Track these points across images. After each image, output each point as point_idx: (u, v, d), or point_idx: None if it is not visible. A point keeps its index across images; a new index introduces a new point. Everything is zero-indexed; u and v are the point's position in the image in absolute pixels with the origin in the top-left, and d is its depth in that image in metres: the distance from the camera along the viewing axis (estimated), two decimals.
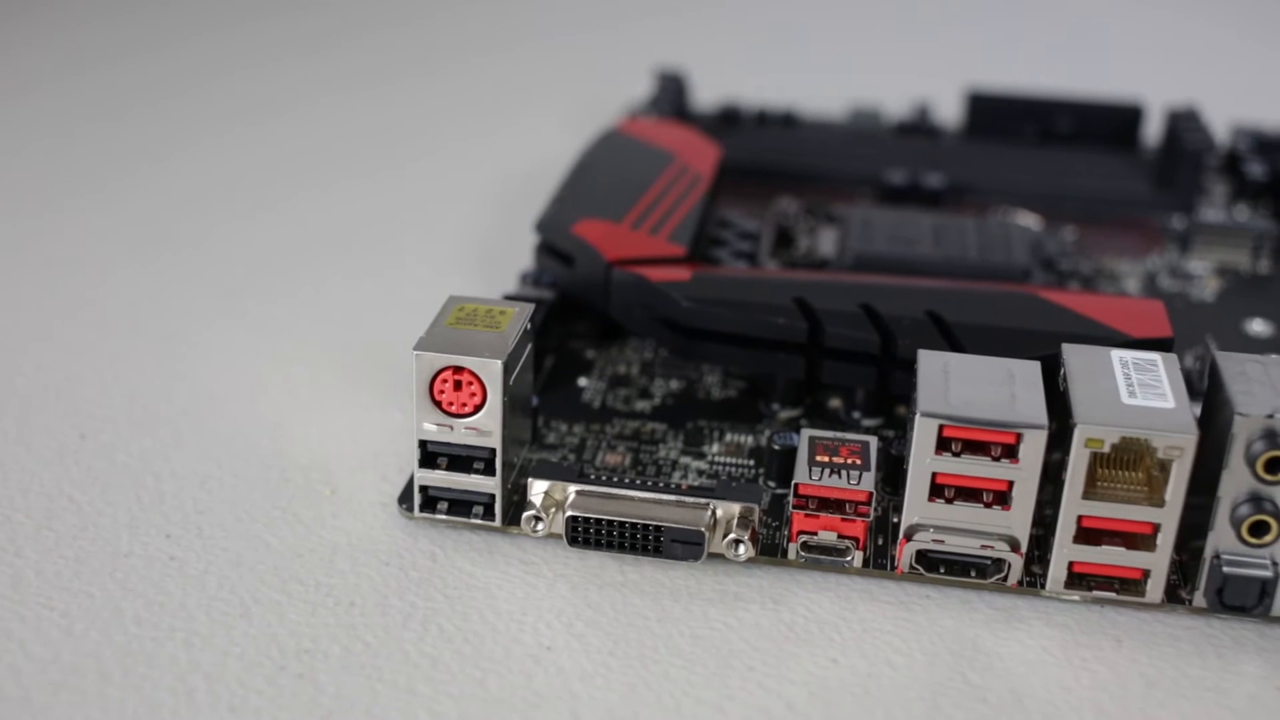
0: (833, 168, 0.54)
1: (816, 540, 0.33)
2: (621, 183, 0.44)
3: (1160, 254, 0.50)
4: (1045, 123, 0.58)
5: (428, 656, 0.31)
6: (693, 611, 0.33)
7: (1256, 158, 0.56)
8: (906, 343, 0.37)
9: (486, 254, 0.50)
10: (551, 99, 0.66)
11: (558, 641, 0.32)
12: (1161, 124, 0.56)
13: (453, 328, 0.34)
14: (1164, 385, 0.33)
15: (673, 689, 0.31)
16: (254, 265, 0.49)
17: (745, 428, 0.39)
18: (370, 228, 0.52)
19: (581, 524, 0.33)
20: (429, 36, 0.76)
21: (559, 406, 0.39)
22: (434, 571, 0.34)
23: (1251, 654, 0.32)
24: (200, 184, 0.55)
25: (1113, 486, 0.33)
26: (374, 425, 0.39)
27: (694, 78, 0.61)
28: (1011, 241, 0.46)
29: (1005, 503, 0.33)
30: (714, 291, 0.39)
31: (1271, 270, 0.49)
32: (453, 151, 0.60)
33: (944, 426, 0.32)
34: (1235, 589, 0.32)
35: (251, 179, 0.56)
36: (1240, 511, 0.32)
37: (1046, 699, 0.31)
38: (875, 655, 0.32)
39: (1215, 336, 0.45)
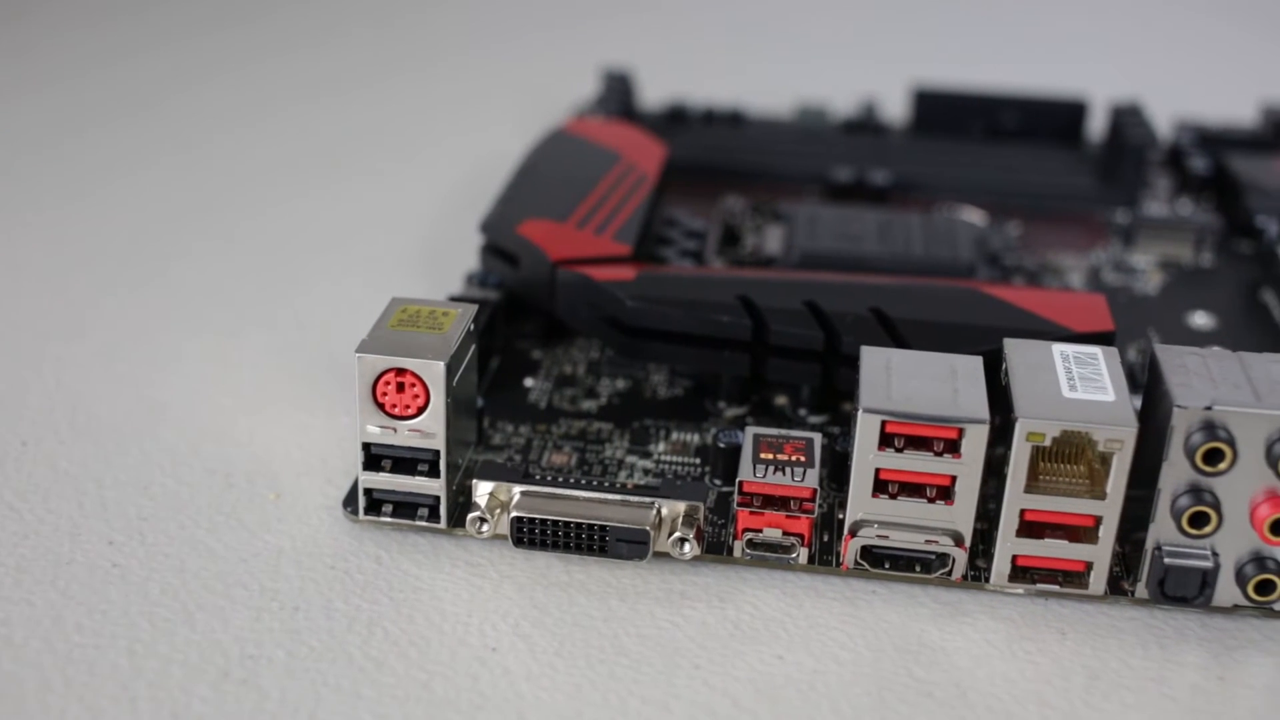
0: (780, 166, 0.54)
1: (762, 537, 0.34)
2: (567, 182, 0.44)
3: (1104, 248, 0.50)
4: (991, 119, 0.58)
5: (373, 660, 0.31)
6: (639, 611, 0.33)
7: (1199, 152, 0.57)
8: (850, 339, 0.37)
9: (433, 255, 0.50)
10: (499, 100, 0.66)
11: (503, 643, 0.32)
12: (1105, 120, 0.57)
13: (395, 330, 0.34)
14: (1104, 379, 0.33)
15: (618, 688, 0.31)
16: (197, 270, 0.48)
17: (691, 426, 0.39)
18: (316, 230, 0.52)
19: (526, 525, 0.33)
20: (376, 41, 0.76)
21: (505, 407, 0.39)
22: (379, 574, 0.34)
23: (1193, 644, 0.33)
24: (142, 192, 0.55)
25: (1055, 480, 0.33)
26: (319, 429, 0.39)
27: (641, 77, 0.61)
28: (957, 237, 0.47)
29: (948, 497, 0.33)
30: (659, 290, 0.39)
31: (1214, 263, 0.50)
32: (400, 153, 0.60)
33: (886, 422, 0.32)
34: (1176, 580, 0.33)
35: (194, 186, 0.56)
36: (1180, 503, 0.32)
37: (991, 692, 0.31)
38: (821, 651, 0.32)
39: (1158, 329, 0.45)
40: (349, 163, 0.58)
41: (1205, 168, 0.55)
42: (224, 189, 0.55)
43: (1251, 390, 0.32)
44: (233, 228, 0.52)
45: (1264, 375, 0.33)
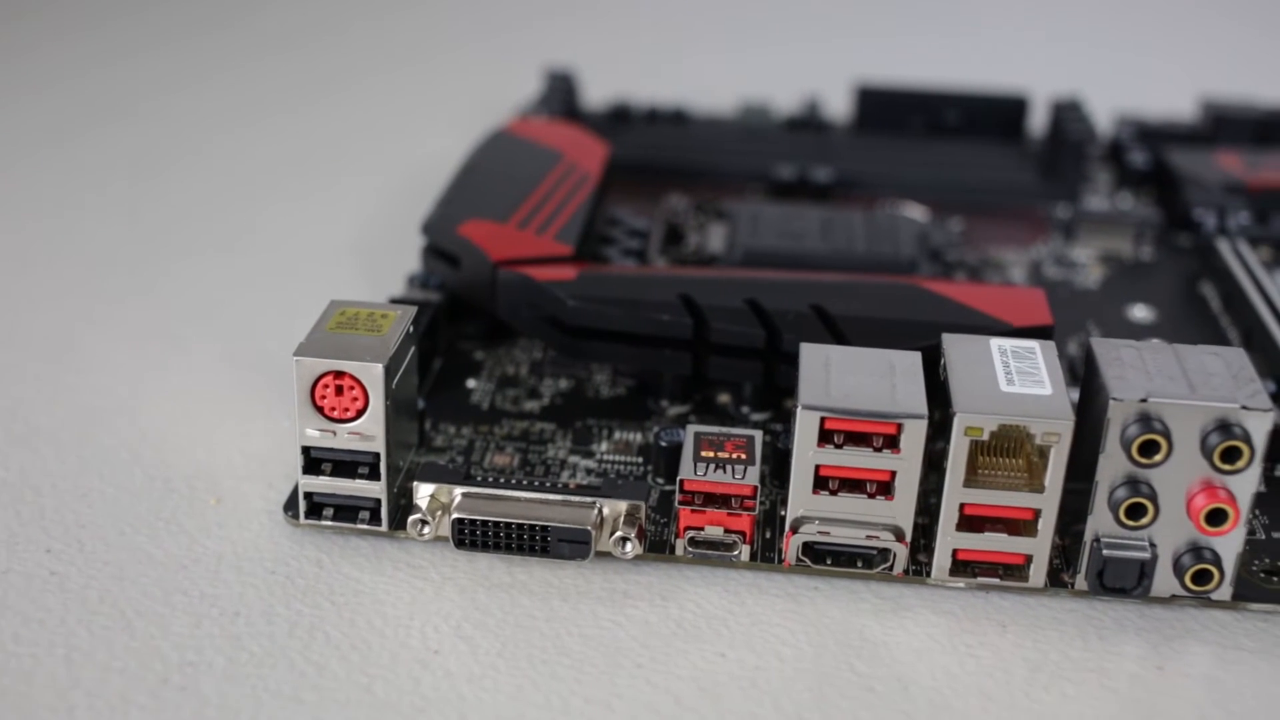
0: (723, 164, 0.54)
1: (703, 535, 0.34)
2: (508, 183, 0.44)
3: (1045, 243, 0.51)
4: (933, 115, 0.59)
5: (314, 664, 0.31)
6: (581, 611, 0.33)
7: (1139, 147, 0.57)
8: (791, 337, 0.37)
9: (375, 257, 0.49)
10: (443, 101, 0.66)
11: (445, 645, 0.32)
12: (1046, 115, 0.57)
13: (334, 332, 0.34)
14: (1042, 373, 0.33)
15: (561, 689, 0.31)
16: (136, 273, 0.48)
17: (634, 425, 0.39)
18: (256, 232, 0.52)
19: (468, 526, 0.33)
20: (318, 44, 0.75)
21: (447, 408, 0.39)
22: (320, 578, 0.34)
23: (1132, 634, 0.33)
24: (79, 192, 0.55)
25: (994, 474, 0.33)
26: (260, 433, 0.39)
27: (585, 77, 0.61)
28: (899, 233, 0.47)
29: (889, 493, 0.33)
30: (600, 290, 0.39)
31: (1154, 257, 0.50)
32: (342, 156, 0.59)
33: (825, 419, 0.32)
34: (1115, 571, 0.33)
35: (132, 186, 0.55)
36: (1117, 495, 0.32)
37: (932, 686, 0.31)
38: (763, 648, 0.32)
39: (1098, 323, 0.45)
40: (290, 166, 0.58)
41: (1145, 162, 0.56)
42: (162, 194, 0.55)
43: (1186, 382, 0.32)
44: (171, 230, 0.51)
45: (1198, 367, 0.33)
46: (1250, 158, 0.54)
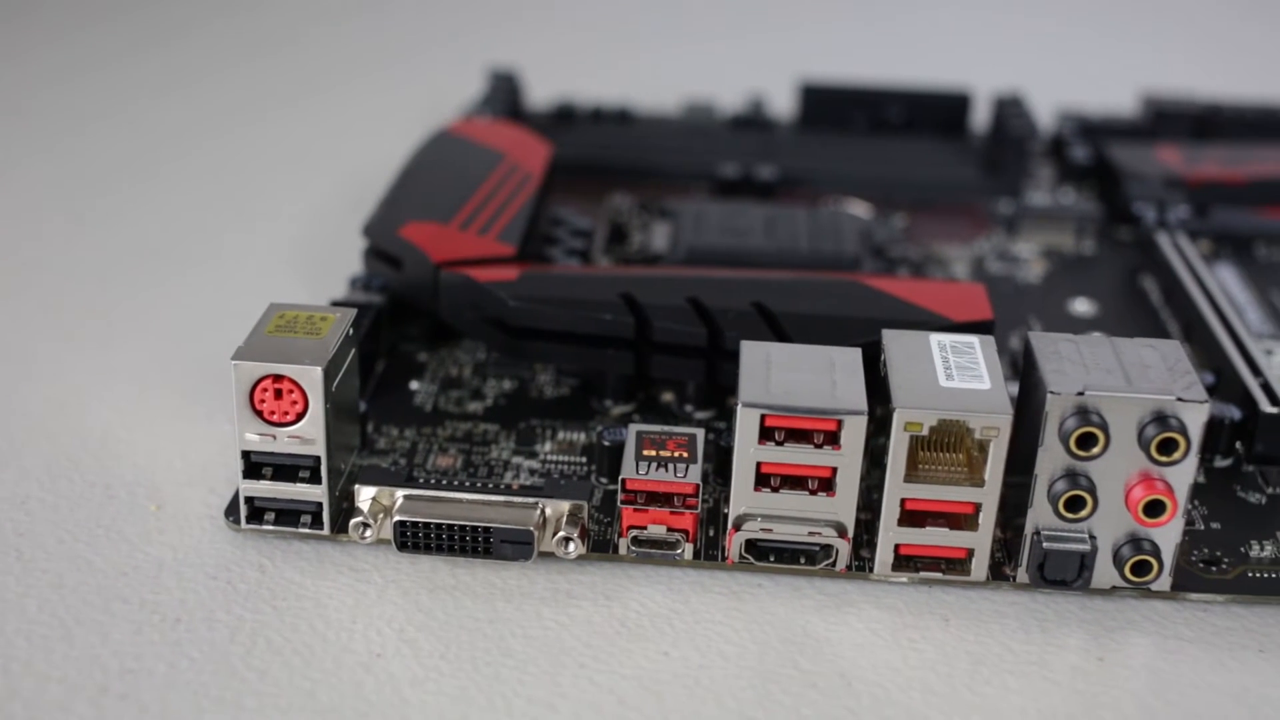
0: (667, 163, 0.54)
1: (646, 534, 0.34)
2: (450, 184, 0.44)
3: (988, 238, 0.51)
4: (877, 113, 0.59)
5: (255, 670, 0.31)
6: (525, 611, 0.33)
7: (1081, 141, 0.57)
8: (733, 335, 0.37)
9: (318, 259, 0.49)
10: (386, 102, 0.66)
11: (388, 648, 0.32)
12: (989, 112, 0.57)
13: (272, 336, 0.34)
14: (981, 367, 0.33)
15: (504, 690, 0.30)
16: (74, 277, 0.48)
17: (577, 425, 0.39)
18: (197, 236, 0.51)
19: (410, 528, 0.33)
20: (255, 36, 0.75)
21: (390, 411, 0.39)
22: (262, 583, 0.33)
23: (1073, 626, 0.33)
24: (16, 196, 0.54)
25: (934, 469, 0.33)
26: (201, 438, 0.39)
27: (530, 77, 0.61)
28: (841, 231, 0.47)
29: (830, 489, 0.33)
30: (541, 290, 0.39)
31: (1095, 251, 0.50)
32: (284, 156, 0.59)
33: (766, 416, 0.32)
34: (1055, 563, 0.33)
35: (70, 188, 0.55)
36: (1056, 488, 0.32)
37: (875, 681, 0.31)
38: (707, 646, 0.32)
39: (1040, 317, 0.46)
40: (232, 166, 0.58)
41: (1086, 157, 0.56)
42: (97, 191, 0.55)
43: (1123, 375, 0.32)
44: (110, 233, 0.51)
45: (1135, 360, 0.33)
46: (1190, 152, 0.55)
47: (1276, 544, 0.35)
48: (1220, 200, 0.52)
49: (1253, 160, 0.53)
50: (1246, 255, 0.50)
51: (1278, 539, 0.35)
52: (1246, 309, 0.46)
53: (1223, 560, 0.35)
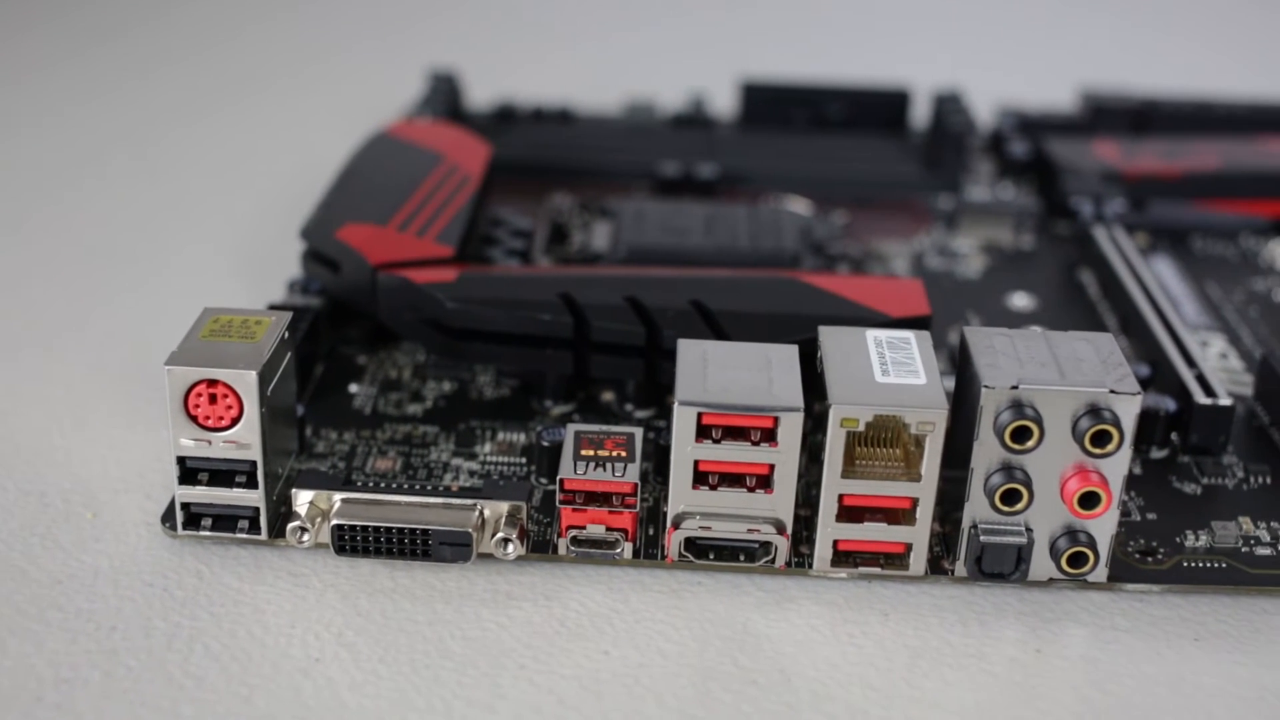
0: (608, 162, 0.54)
1: (585, 534, 0.34)
2: (388, 185, 0.44)
3: (928, 234, 0.51)
4: (817, 110, 0.59)
5: (192, 677, 0.31)
6: (464, 613, 0.33)
7: (1019, 137, 0.58)
8: (671, 333, 0.37)
9: (257, 263, 0.49)
10: (326, 104, 0.65)
11: (327, 652, 0.31)
12: (928, 108, 0.58)
13: (207, 340, 0.34)
14: (916, 363, 0.34)
15: (443, 692, 0.30)
16: (9, 281, 0.47)
17: (518, 426, 0.39)
18: (135, 239, 0.51)
19: (348, 532, 0.33)
20: (193, 38, 0.75)
21: (329, 414, 0.39)
22: (200, 589, 0.33)
23: (1011, 619, 0.33)
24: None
25: (872, 464, 0.33)
26: (138, 444, 0.38)
27: (471, 77, 0.61)
28: (782, 228, 0.47)
29: (768, 486, 0.33)
30: (479, 291, 0.39)
31: (1034, 245, 0.51)
32: (223, 159, 0.59)
33: (703, 414, 0.32)
34: (993, 556, 0.33)
35: (3, 192, 0.54)
36: (992, 481, 0.33)
37: (815, 677, 0.31)
38: (647, 645, 0.32)
39: (979, 312, 0.46)
40: (170, 169, 0.57)
41: (1025, 152, 0.57)
42: (32, 195, 0.54)
43: (1057, 368, 0.33)
44: (46, 237, 0.51)
45: (1069, 353, 0.33)
46: (1127, 146, 0.55)
47: (1211, 534, 0.35)
48: (1157, 194, 0.52)
49: (1189, 154, 0.54)
50: (1183, 248, 0.51)
51: (1212, 529, 0.36)
52: (1183, 301, 0.47)
53: (1158, 551, 0.35)
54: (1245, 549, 0.35)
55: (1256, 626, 0.33)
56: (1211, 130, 0.58)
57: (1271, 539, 0.35)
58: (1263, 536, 0.35)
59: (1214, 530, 0.36)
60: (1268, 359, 0.41)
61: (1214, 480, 0.38)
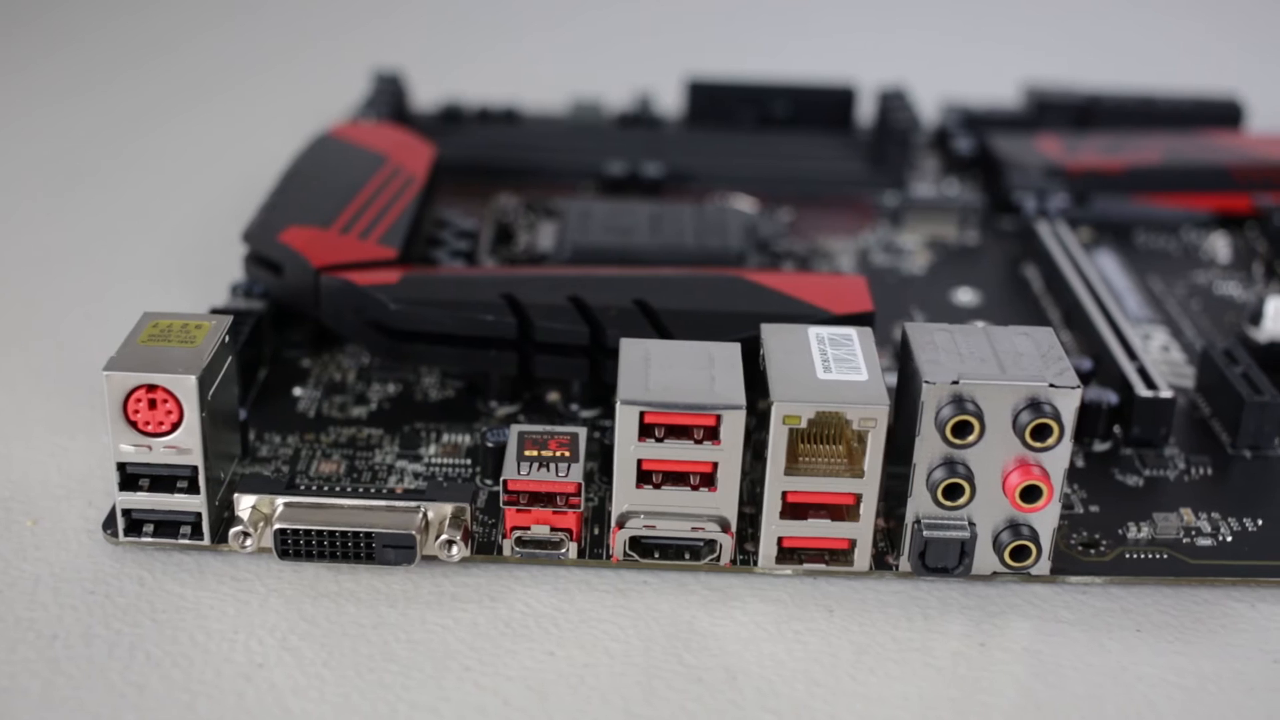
0: (554, 162, 0.54)
1: (530, 535, 0.33)
2: (331, 187, 0.44)
3: (873, 230, 0.51)
4: (763, 108, 0.59)
5: (133, 685, 0.30)
6: (409, 616, 0.33)
7: (964, 133, 0.58)
8: (615, 332, 0.37)
9: (201, 267, 0.49)
10: (273, 105, 0.65)
11: (270, 657, 0.31)
12: (873, 105, 0.58)
13: (145, 345, 0.33)
14: (858, 359, 0.34)
15: (387, 696, 0.30)
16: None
17: (463, 427, 0.39)
18: (77, 245, 0.50)
19: (291, 536, 0.33)
20: (137, 42, 0.74)
21: (273, 418, 0.39)
22: (142, 596, 0.33)
23: (955, 613, 0.33)
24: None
25: (815, 461, 0.33)
26: (79, 450, 0.38)
27: (416, 78, 0.61)
28: (727, 226, 0.47)
29: (712, 484, 0.33)
30: (422, 292, 0.38)
31: (979, 241, 0.51)
32: (167, 162, 0.58)
33: (645, 413, 0.32)
34: (936, 551, 0.33)
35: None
36: (935, 476, 0.33)
37: (760, 674, 0.31)
38: (593, 644, 0.32)
39: (924, 308, 0.46)
40: (113, 173, 0.57)
41: (970, 148, 0.57)
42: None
43: (997, 363, 0.33)
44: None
45: (1009, 348, 0.33)
46: (1070, 141, 0.55)
47: (1153, 526, 0.36)
48: (1100, 188, 0.53)
49: (1131, 149, 0.54)
50: (1126, 242, 0.51)
51: (1154, 521, 0.36)
52: (1125, 295, 0.47)
53: (1101, 543, 0.35)
54: (1186, 540, 0.35)
55: (1197, 616, 0.33)
56: (1153, 125, 0.58)
57: (1212, 530, 0.36)
58: (1203, 527, 0.36)
59: (1156, 522, 0.36)
60: (1208, 352, 0.41)
61: (1156, 472, 0.38)
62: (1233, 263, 0.50)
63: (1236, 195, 0.52)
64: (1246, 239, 0.52)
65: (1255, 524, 0.36)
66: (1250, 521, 0.36)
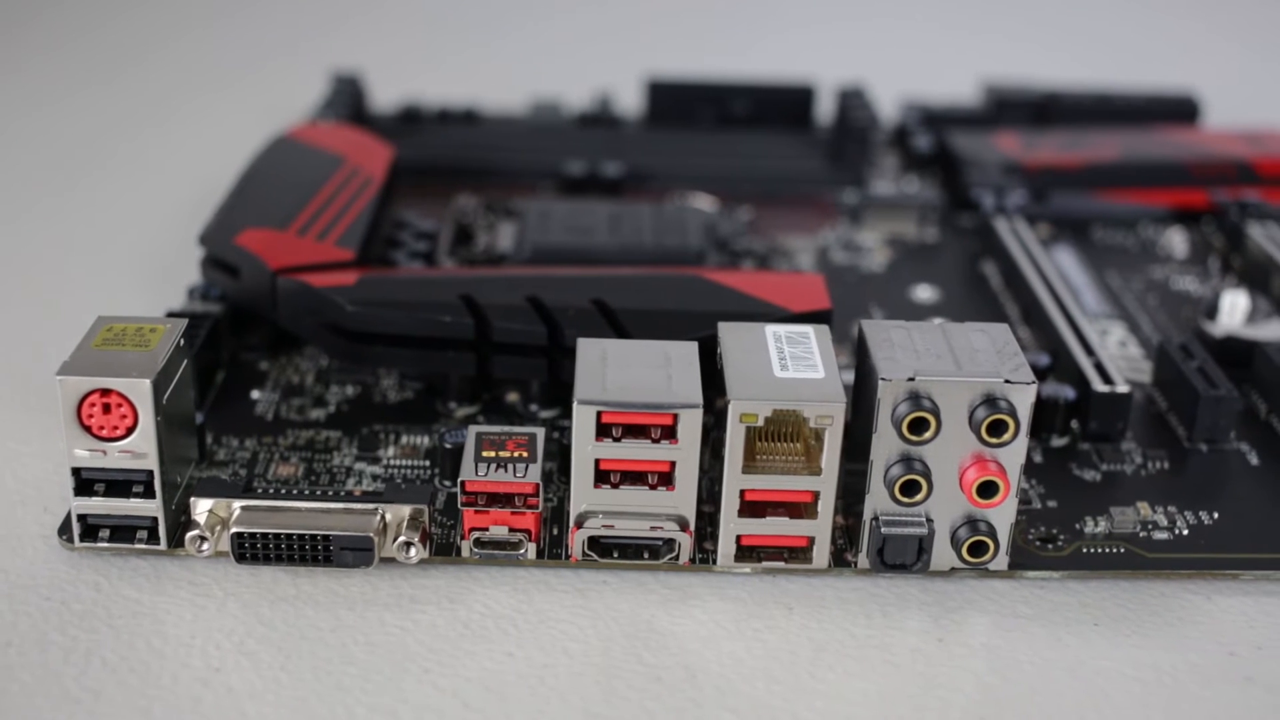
0: (514, 162, 0.54)
1: (488, 536, 0.33)
2: (288, 189, 0.44)
3: (833, 228, 0.51)
4: (723, 107, 0.59)
5: (89, 691, 0.30)
6: (368, 618, 0.33)
7: (923, 130, 0.58)
8: (573, 332, 0.37)
9: (159, 270, 0.48)
10: (232, 107, 0.65)
11: (227, 662, 0.31)
12: (833, 103, 0.58)
13: (99, 349, 0.33)
14: (815, 357, 0.34)
15: (345, 699, 0.30)
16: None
17: (421, 429, 0.39)
18: (34, 249, 0.50)
19: (248, 540, 0.33)
20: (96, 44, 0.74)
21: (230, 421, 0.39)
22: (98, 602, 0.33)
23: (914, 609, 0.33)
24: None
25: (772, 459, 0.33)
26: (34, 455, 0.38)
27: (376, 79, 0.61)
28: (686, 225, 0.47)
29: (670, 483, 0.33)
30: (379, 294, 0.38)
31: (937, 238, 0.51)
32: (125, 165, 0.58)
33: (602, 413, 0.32)
34: (894, 548, 0.33)
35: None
36: (892, 473, 0.33)
37: (719, 672, 0.31)
38: (552, 645, 0.32)
39: (884, 305, 0.46)
40: (71, 176, 0.57)
41: (929, 146, 0.57)
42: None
43: (953, 359, 0.33)
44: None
45: (965, 344, 0.34)
46: (1028, 138, 0.56)
47: (1110, 520, 0.36)
48: (1058, 185, 0.53)
49: (1088, 145, 0.55)
50: (1084, 238, 0.51)
51: (1111, 515, 0.36)
52: (1083, 290, 0.47)
53: (1059, 538, 0.35)
54: (1143, 534, 0.35)
55: (1154, 610, 0.34)
56: (1111, 121, 0.59)
57: (1169, 523, 0.36)
58: (1160, 521, 0.36)
59: (1113, 516, 0.36)
60: (1165, 346, 0.41)
61: (1113, 467, 0.38)
62: (1189, 258, 0.50)
63: (1193, 190, 0.53)
64: (1203, 234, 0.52)
65: (1211, 517, 0.36)
66: (1206, 515, 0.36)
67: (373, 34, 0.77)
